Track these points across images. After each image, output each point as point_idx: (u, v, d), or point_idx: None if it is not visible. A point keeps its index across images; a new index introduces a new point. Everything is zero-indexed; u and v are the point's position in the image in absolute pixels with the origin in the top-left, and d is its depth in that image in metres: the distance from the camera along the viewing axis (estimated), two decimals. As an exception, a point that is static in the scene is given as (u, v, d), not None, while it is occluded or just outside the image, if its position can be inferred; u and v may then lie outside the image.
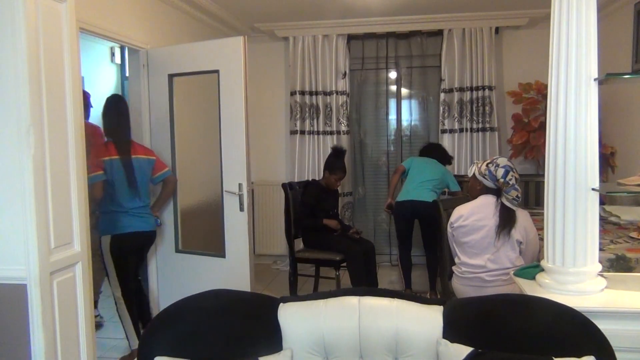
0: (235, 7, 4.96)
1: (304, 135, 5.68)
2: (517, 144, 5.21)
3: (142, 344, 1.74)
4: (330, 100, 5.62)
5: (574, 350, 1.56)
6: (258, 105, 5.74)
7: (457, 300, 1.95)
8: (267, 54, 5.93)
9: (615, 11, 4.61)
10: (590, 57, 1.84)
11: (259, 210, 5.91)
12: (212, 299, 1.86)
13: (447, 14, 5.25)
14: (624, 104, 4.53)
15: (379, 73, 5.83)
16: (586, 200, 1.87)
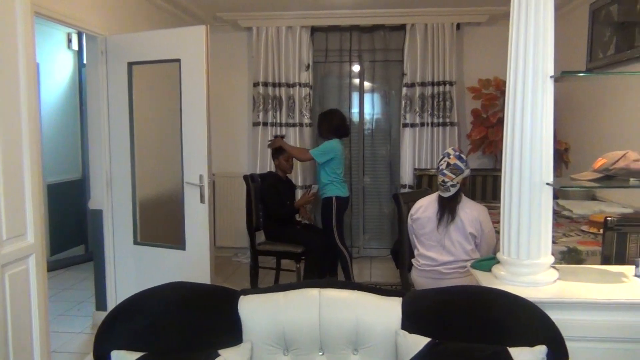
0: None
1: (267, 127, 5.65)
2: (475, 139, 5.31)
3: (98, 338, 1.70)
4: (293, 92, 5.61)
5: (528, 340, 1.61)
6: (220, 96, 5.67)
7: (416, 291, 1.98)
8: (230, 44, 5.86)
9: (572, 11, 4.75)
10: (546, 55, 1.89)
11: (220, 202, 5.86)
12: (170, 291, 1.84)
13: (410, 9, 5.30)
14: (578, 102, 4.67)
15: (342, 66, 5.84)
16: (540, 195, 1.93)
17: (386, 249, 5.71)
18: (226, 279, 5.10)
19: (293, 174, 5.04)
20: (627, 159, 1.94)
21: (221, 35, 5.72)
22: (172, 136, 3.74)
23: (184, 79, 3.62)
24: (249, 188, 4.37)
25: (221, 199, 5.87)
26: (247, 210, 4.39)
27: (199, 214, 3.65)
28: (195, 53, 3.55)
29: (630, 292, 1.92)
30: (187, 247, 3.72)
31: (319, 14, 5.44)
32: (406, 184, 5.55)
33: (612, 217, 2.54)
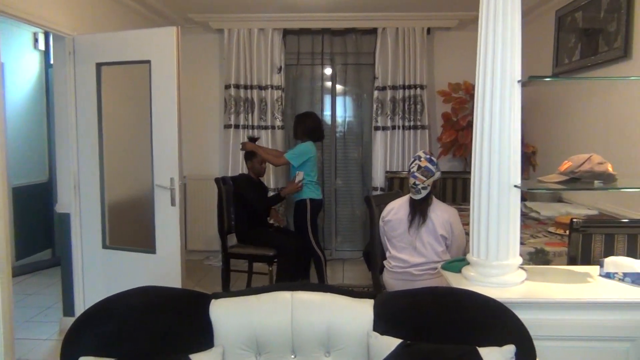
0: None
1: (239, 130, 5.62)
2: (446, 142, 5.39)
3: (65, 344, 1.67)
4: (265, 95, 5.59)
5: (497, 340, 1.64)
6: (191, 98, 5.63)
7: (387, 293, 1.99)
8: (201, 46, 5.81)
9: (538, 17, 4.85)
10: (514, 60, 1.93)
11: (191, 204, 5.79)
12: (140, 296, 1.82)
13: (382, 12, 5.34)
14: (545, 106, 4.78)
15: (314, 69, 5.86)
16: (509, 197, 1.96)
17: (358, 251, 5.74)
18: (197, 282, 5.05)
19: (265, 177, 5.03)
20: (591, 162, 1.99)
21: (192, 36, 5.67)
22: (143, 138, 3.69)
23: (155, 80, 3.57)
24: (221, 191, 4.34)
25: (192, 202, 5.81)
26: (218, 213, 4.36)
27: (169, 217, 3.61)
28: (166, 54, 3.51)
29: (595, 291, 1.97)
30: (158, 251, 3.67)
31: (291, 17, 5.44)
32: (378, 187, 5.58)
33: (577, 219, 2.60)
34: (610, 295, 1.92)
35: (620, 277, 2.04)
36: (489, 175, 1.96)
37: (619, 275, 2.04)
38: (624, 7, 3.42)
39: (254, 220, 4.45)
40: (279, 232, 4.67)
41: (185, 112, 4.07)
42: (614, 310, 1.89)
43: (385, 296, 1.90)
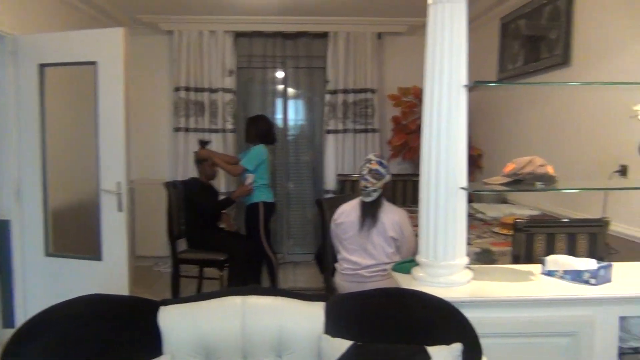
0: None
1: (189, 133, 5.54)
2: (396, 145, 5.47)
3: (4, 357, 1.60)
4: (216, 98, 5.53)
5: (445, 339, 1.67)
6: (139, 101, 5.49)
7: (338, 295, 2.01)
8: (150, 48, 5.69)
9: (484, 24, 5.00)
10: (460, 66, 1.98)
11: (139, 209, 5.66)
12: (85, 304, 1.76)
13: (333, 17, 5.38)
14: (491, 110, 4.93)
15: (266, 72, 5.85)
16: (456, 199, 2.01)
17: (310, 254, 5.74)
18: (146, 289, 4.93)
19: (216, 181, 4.97)
20: (533, 164, 2.07)
21: (141, 38, 5.55)
22: (88, 141, 3.58)
23: (101, 82, 3.48)
24: (170, 195, 4.26)
25: (141, 207, 5.67)
26: (168, 218, 4.27)
27: (116, 223, 3.52)
28: (113, 56, 3.43)
29: (538, 289, 2.04)
30: (104, 258, 3.57)
31: (243, 20, 5.41)
32: (329, 190, 5.62)
33: (521, 219, 2.69)
34: (551, 292, 1.99)
35: (561, 275, 2.12)
36: (436, 178, 2.01)
37: (560, 273, 2.12)
38: (564, 15, 3.57)
39: (204, 224, 4.39)
40: (230, 236, 4.62)
41: (133, 114, 3.99)
42: (555, 307, 1.96)
43: (336, 298, 1.91)
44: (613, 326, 1.97)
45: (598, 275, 2.02)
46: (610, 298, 1.96)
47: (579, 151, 3.43)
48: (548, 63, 3.79)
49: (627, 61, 2.96)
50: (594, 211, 3.09)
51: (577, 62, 3.49)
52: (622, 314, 1.98)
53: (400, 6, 5.03)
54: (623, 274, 2.14)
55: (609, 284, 2.05)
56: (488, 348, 1.75)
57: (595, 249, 2.66)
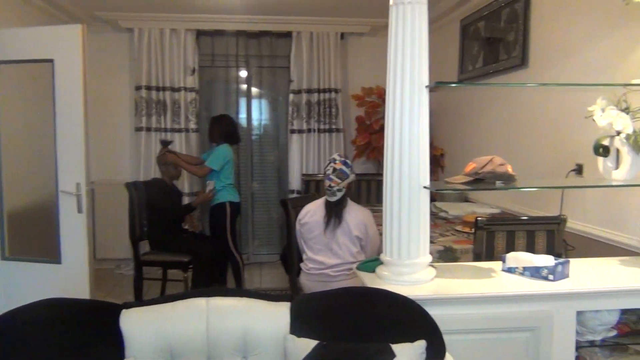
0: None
1: (150, 133, 5.44)
2: (360, 145, 5.51)
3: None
4: (178, 97, 5.45)
5: (409, 336, 1.69)
6: (99, 99, 5.36)
7: (304, 295, 2.01)
8: (109, 45, 5.57)
9: (445, 26, 5.08)
10: (422, 67, 2.01)
11: (100, 211, 5.53)
12: (44, 309, 1.71)
13: (296, 16, 5.37)
14: (452, 110, 5.01)
15: (229, 71, 5.79)
16: (419, 198, 2.04)
17: (275, 255, 5.73)
18: (108, 293, 4.83)
19: (179, 181, 4.91)
20: (493, 163, 2.11)
21: (100, 35, 5.42)
22: (46, 142, 3.49)
23: (58, 80, 3.40)
24: (132, 196, 4.18)
25: (101, 208, 5.54)
26: (130, 219, 4.19)
27: (76, 225, 3.43)
28: (71, 53, 3.35)
29: (499, 286, 2.08)
30: (63, 261, 3.48)
31: (205, 18, 5.35)
32: (294, 190, 5.61)
33: (482, 217, 2.75)
34: (512, 289, 2.04)
35: (521, 272, 2.17)
36: (400, 177, 2.03)
37: (520, 270, 2.18)
38: (522, 18, 3.66)
39: (167, 226, 4.33)
40: (194, 237, 4.57)
41: (93, 113, 3.89)
42: (515, 303, 2.01)
43: (301, 298, 1.91)
44: (571, 321, 2.03)
45: (556, 271, 2.08)
46: (567, 293, 2.01)
47: (537, 150, 3.53)
48: (507, 64, 3.88)
49: (582, 63, 3.05)
50: (552, 209, 3.18)
51: (535, 63, 3.58)
52: (579, 309, 2.05)
53: (362, 7, 5.07)
54: (580, 270, 2.21)
55: (567, 279, 2.11)
56: (451, 344, 1.78)
57: (553, 245, 2.74)
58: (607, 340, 2.16)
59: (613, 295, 2.04)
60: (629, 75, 2.44)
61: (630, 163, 2.13)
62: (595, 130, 2.26)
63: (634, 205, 2.64)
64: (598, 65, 2.90)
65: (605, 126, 2.16)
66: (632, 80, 2.19)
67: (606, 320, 2.12)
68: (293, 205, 3.50)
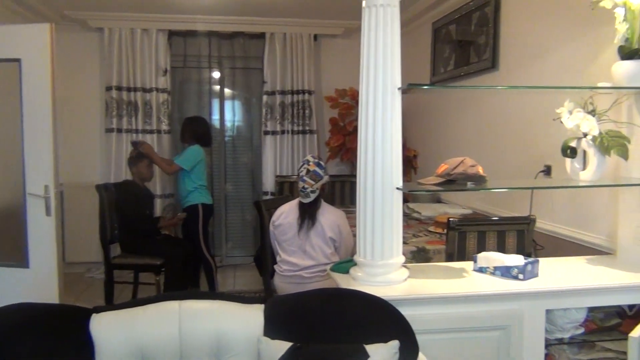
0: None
1: (122, 134, 5.36)
2: (334, 147, 5.53)
3: None
4: (150, 98, 5.39)
5: (382, 336, 1.70)
6: (68, 100, 5.26)
7: (277, 297, 2.00)
8: (79, 45, 5.47)
9: (417, 28, 5.14)
10: (394, 69, 2.02)
11: (70, 213, 5.41)
12: (10, 314, 1.67)
13: (269, 18, 5.37)
14: (424, 112, 5.06)
15: (201, 72, 5.75)
16: (392, 199, 2.05)
17: (249, 257, 5.70)
18: (78, 297, 4.74)
19: (151, 183, 4.85)
20: (464, 164, 2.14)
21: (69, 35, 5.32)
22: (12, 143, 3.40)
23: (25, 80, 3.33)
24: (102, 198, 4.11)
25: (71, 211, 5.42)
26: (100, 222, 4.12)
27: (44, 228, 3.36)
28: (39, 53, 3.29)
29: (470, 285, 2.11)
30: (31, 265, 3.40)
31: (176, 18, 5.29)
32: (268, 191, 5.60)
33: (454, 218, 2.78)
34: (483, 288, 2.07)
35: (492, 271, 2.20)
36: (373, 179, 2.04)
37: (490, 269, 2.21)
38: (492, 21, 3.72)
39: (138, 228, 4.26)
40: (166, 240, 4.51)
41: (62, 114, 3.83)
42: (486, 302, 2.03)
43: (275, 300, 1.91)
44: (540, 319, 2.07)
45: (526, 270, 2.11)
46: (537, 292, 2.05)
47: (507, 152, 3.59)
48: (477, 67, 3.94)
49: (550, 66, 3.12)
50: (522, 209, 3.24)
51: (505, 66, 3.64)
52: (548, 307, 2.09)
53: (335, 9, 5.09)
54: (549, 269, 2.25)
55: (536, 278, 2.15)
56: (424, 344, 1.80)
57: (523, 245, 2.78)
58: (575, 337, 2.21)
59: (581, 294, 2.08)
60: (595, 78, 2.50)
61: (597, 164, 2.18)
62: (563, 132, 2.30)
63: (600, 205, 2.71)
64: (566, 69, 2.96)
65: (573, 128, 2.21)
66: (598, 83, 2.24)
67: (574, 318, 2.16)
68: (267, 207, 3.49)
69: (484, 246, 2.74)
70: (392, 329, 1.75)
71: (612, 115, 2.25)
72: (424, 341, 1.80)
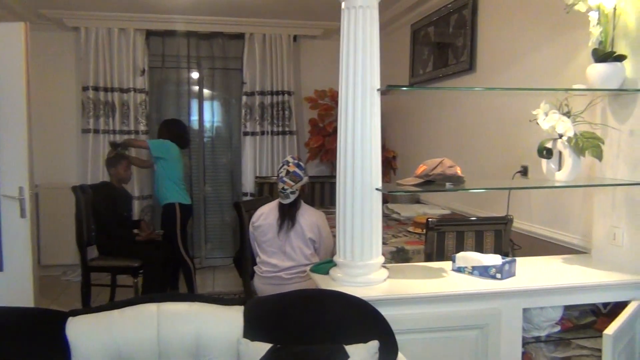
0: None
1: (99, 135, 5.29)
2: (313, 147, 5.53)
3: None
4: (127, 98, 5.33)
5: (362, 337, 1.71)
6: (44, 100, 5.18)
7: (257, 298, 2.00)
8: (54, 45, 5.38)
9: (396, 30, 5.17)
10: (373, 70, 2.03)
11: (45, 215, 5.33)
12: (-16, 319, 1.64)
13: (248, 18, 5.35)
14: (404, 113, 5.10)
15: (180, 72, 5.70)
16: (371, 199, 2.06)
17: (229, 258, 5.66)
18: (54, 300, 4.66)
19: (129, 184, 4.80)
20: (443, 165, 2.16)
21: (44, 34, 5.24)
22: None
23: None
24: (79, 200, 4.05)
25: (47, 213, 5.34)
26: (77, 224, 4.06)
27: (19, 231, 3.30)
28: (12, 52, 3.23)
29: (449, 285, 2.13)
30: (5, 268, 3.33)
31: (154, 18, 5.25)
32: (248, 192, 5.58)
33: (432, 218, 2.80)
34: (461, 287, 2.09)
35: (470, 271, 2.23)
36: (352, 179, 2.04)
37: (469, 269, 2.23)
38: (469, 24, 3.76)
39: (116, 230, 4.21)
40: (144, 241, 4.46)
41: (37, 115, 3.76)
42: (465, 302, 2.05)
43: (255, 302, 1.90)
44: (517, 317, 2.09)
45: (503, 270, 2.14)
46: (514, 291, 2.08)
47: (485, 153, 3.63)
48: (455, 69, 3.98)
49: (526, 68, 3.16)
50: (499, 210, 3.28)
51: (482, 68, 3.69)
52: (525, 306, 2.11)
53: (315, 10, 5.09)
54: (525, 268, 2.28)
55: (513, 278, 2.18)
56: (404, 344, 1.81)
57: (501, 245, 2.82)
58: (551, 335, 2.24)
59: (557, 292, 2.12)
60: (570, 80, 2.54)
61: (572, 165, 2.22)
62: (540, 134, 2.34)
63: (575, 205, 2.76)
64: (541, 71, 3.01)
65: (549, 129, 2.24)
66: (573, 85, 2.28)
67: (550, 316, 2.19)
68: (246, 208, 3.48)
69: (463, 246, 2.77)
70: (371, 329, 1.75)
71: (586, 117, 2.29)
72: (403, 341, 1.81)
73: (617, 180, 2.27)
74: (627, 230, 2.24)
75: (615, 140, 2.28)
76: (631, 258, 2.23)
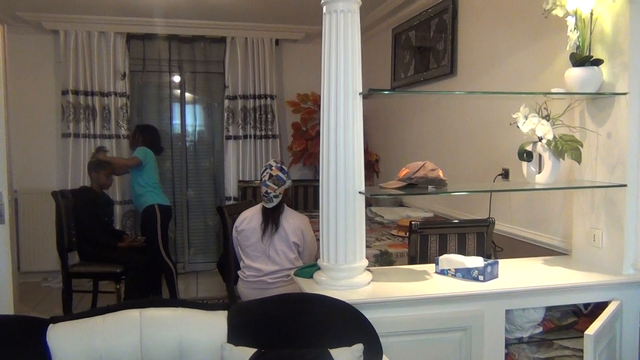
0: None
1: (79, 139, 5.23)
2: (296, 151, 5.53)
3: None
4: (108, 102, 5.28)
5: (347, 340, 1.71)
6: (22, 104, 5.11)
7: (241, 303, 1.99)
8: (32, 48, 5.31)
9: (378, 34, 5.19)
10: (355, 74, 2.04)
11: (25, 221, 5.26)
12: (-38, 327, 1.61)
13: (230, 22, 5.34)
14: (386, 116, 5.12)
15: (161, 76, 5.66)
16: (354, 203, 2.06)
17: (212, 263, 5.64)
18: (34, 307, 4.58)
19: (111, 189, 4.75)
20: (425, 168, 2.17)
21: (22, 37, 5.17)
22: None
23: (-24, 84, 3.20)
24: (59, 205, 4.00)
25: (26, 219, 5.27)
26: (57, 230, 4.00)
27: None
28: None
29: (432, 287, 2.14)
30: (-17, 275, 3.27)
31: (135, 21, 5.21)
32: (231, 196, 5.56)
33: (416, 221, 2.81)
34: (444, 290, 2.10)
35: (453, 273, 2.24)
36: (335, 183, 2.05)
37: (452, 271, 2.25)
38: (450, 28, 3.80)
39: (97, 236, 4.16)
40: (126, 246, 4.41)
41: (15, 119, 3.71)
42: (448, 304, 2.07)
43: (238, 306, 1.89)
44: (500, 319, 2.11)
45: (486, 272, 2.16)
46: (497, 293, 2.10)
47: (467, 156, 3.66)
48: (437, 73, 4.01)
49: (506, 72, 3.20)
50: (481, 212, 3.31)
51: (463, 72, 3.72)
52: (507, 307, 2.13)
53: (296, 14, 5.10)
54: (508, 270, 2.31)
55: (496, 279, 2.20)
56: (388, 346, 1.82)
57: (483, 247, 2.84)
58: (533, 336, 2.26)
59: (538, 294, 2.14)
60: (549, 84, 2.58)
61: (552, 167, 2.25)
62: (520, 137, 2.37)
63: (555, 208, 2.79)
64: (521, 75, 3.05)
65: (529, 132, 2.27)
66: (552, 89, 2.31)
67: (532, 317, 2.22)
68: (229, 212, 3.46)
69: (445, 248, 2.79)
70: (356, 332, 1.75)
71: (565, 120, 2.33)
72: (388, 344, 1.82)
73: (596, 182, 2.31)
74: (606, 232, 2.28)
75: (594, 143, 2.32)
76: (610, 259, 2.26)
